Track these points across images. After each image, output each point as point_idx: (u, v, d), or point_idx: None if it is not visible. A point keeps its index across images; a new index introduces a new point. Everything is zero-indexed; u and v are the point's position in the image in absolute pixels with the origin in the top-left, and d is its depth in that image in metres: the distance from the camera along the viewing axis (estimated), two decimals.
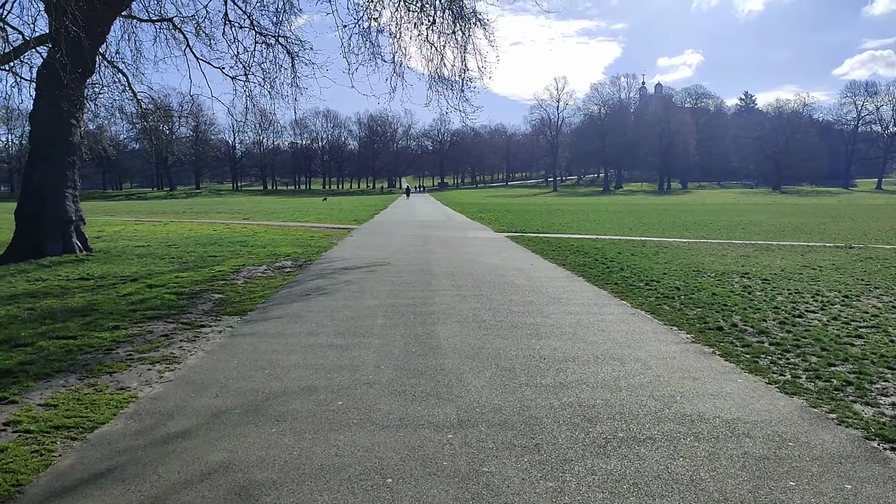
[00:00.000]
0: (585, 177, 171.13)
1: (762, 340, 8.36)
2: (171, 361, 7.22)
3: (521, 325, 9.11)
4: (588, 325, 9.17)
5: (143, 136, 30.67)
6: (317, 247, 20.48)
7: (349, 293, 11.76)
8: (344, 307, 10.42)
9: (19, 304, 10.49)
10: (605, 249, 19.70)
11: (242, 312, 10.05)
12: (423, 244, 21.55)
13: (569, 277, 14.04)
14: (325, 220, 35.28)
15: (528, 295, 11.66)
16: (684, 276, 14.27)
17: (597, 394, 6.10)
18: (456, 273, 14.42)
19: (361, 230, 28.74)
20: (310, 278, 13.77)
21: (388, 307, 10.38)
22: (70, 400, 5.87)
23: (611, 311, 10.36)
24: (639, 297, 11.58)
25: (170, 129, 30.45)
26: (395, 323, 9.19)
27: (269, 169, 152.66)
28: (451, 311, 10.09)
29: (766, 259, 17.56)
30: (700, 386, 6.37)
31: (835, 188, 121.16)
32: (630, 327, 9.08)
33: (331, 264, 16.17)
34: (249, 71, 21.12)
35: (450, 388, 6.25)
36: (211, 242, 21.44)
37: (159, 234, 25.04)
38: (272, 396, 6.01)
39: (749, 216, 43.31)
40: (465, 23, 19.89)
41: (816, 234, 27.18)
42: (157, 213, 45.07)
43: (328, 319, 9.45)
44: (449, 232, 27.79)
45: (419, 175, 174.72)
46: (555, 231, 28.17)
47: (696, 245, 21.69)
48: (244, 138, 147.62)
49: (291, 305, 10.62)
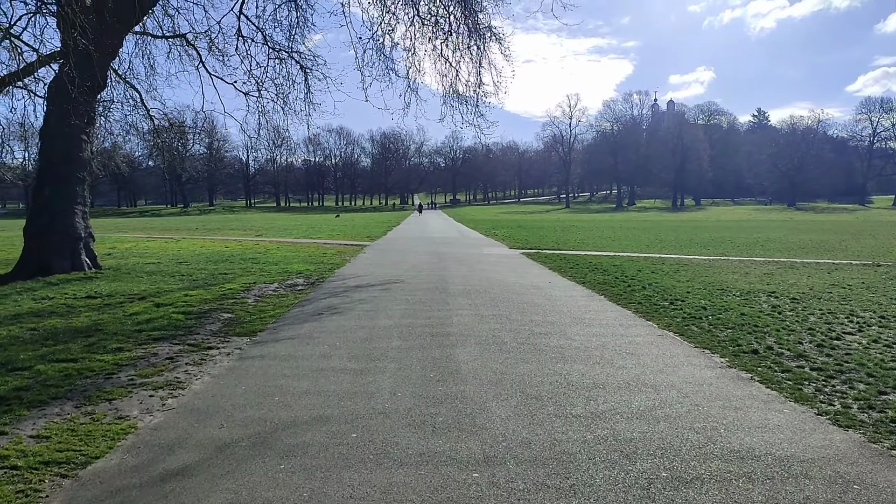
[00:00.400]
0: (598, 193, 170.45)
1: (802, 365, 7.84)
2: (176, 387, 6.80)
3: (544, 347, 8.63)
4: (615, 347, 8.68)
5: (156, 153, 30.54)
6: (329, 264, 20.10)
7: (363, 312, 11.33)
8: (357, 327, 9.98)
9: (22, 323, 10.14)
10: (623, 267, 19.19)
11: (252, 333, 9.64)
12: (437, 261, 21.13)
13: (589, 296, 13.55)
14: (337, 237, 34.97)
15: (550, 315, 11.19)
16: (709, 295, 13.75)
17: (633, 425, 5.61)
18: (472, 291, 13.96)
19: (374, 247, 28.36)
20: (322, 297, 13.36)
21: (404, 328, 9.94)
22: (64, 431, 5.45)
23: (637, 331, 9.86)
24: (665, 317, 11.08)
25: (183, 145, 30.31)
26: (411, 345, 8.74)
27: (283, 186, 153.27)
28: (469, 332, 9.62)
29: (791, 277, 16.99)
30: (744, 417, 5.87)
31: (851, 204, 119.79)
32: (660, 350, 8.58)
33: (344, 282, 15.76)
34: (262, 86, 20.92)
35: (473, 418, 5.79)
36: (222, 259, 21.12)
37: (170, 251, 24.78)
38: (281, 427, 5.57)
39: (766, 233, 42.61)
40: (480, 37, 19.60)
41: (839, 252, 26.52)
42: (170, 230, 44.96)
43: (341, 341, 9.01)
44: (463, 249, 27.36)
45: (431, 192, 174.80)
46: (570, 248, 27.68)
47: (717, 263, 21.12)
48: (257, 155, 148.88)
49: (303, 326, 10.20)
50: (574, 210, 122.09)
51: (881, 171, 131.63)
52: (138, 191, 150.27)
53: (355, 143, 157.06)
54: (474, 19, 19.19)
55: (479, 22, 19.34)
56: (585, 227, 52.03)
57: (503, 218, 77.31)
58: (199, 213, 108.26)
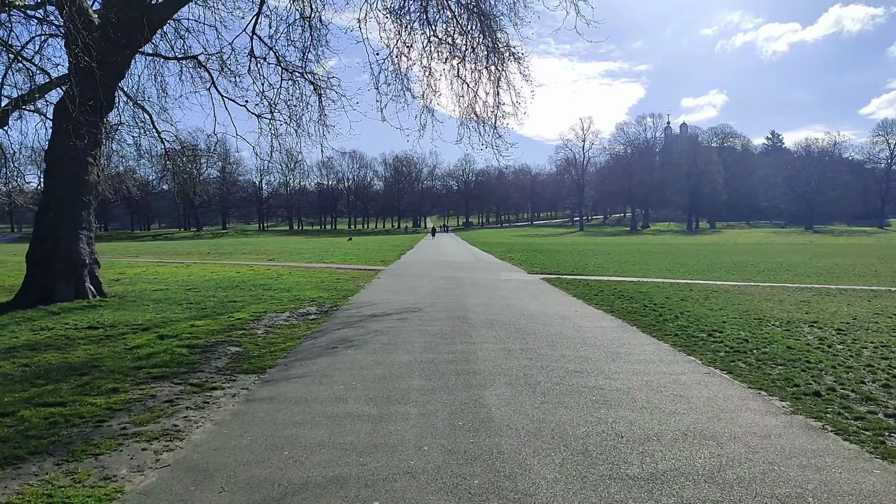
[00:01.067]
0: (611, 216, 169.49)
1: (874, 410, 6.98)
2: (173, 437, 6.03)
3: (581, 388, 7.80)
4: (660, 388, 7.84)
5: (168, 177, 30.06)
6: (343, 290, 19.37)
7: (379, 346, 10.54)
8: (374, 363, 9.20)
9: (16, 358, 9.43)
10: (651, 294, 18.32)
11: (261, 370, 8.87)
12: (455, 287, 20.34)
13: (621, 327, 12.70)
14: (351, 261, 34.28)
15: (582, 348, 10.35)
16: (747, 325, 12.89)
17: (702, 491, 4.77)
18: (495, 321, 13.15)
19: (389, 272, 27.61)
20: (336, 327, 12.60)
21: (425, 364, 9.14)
22: (38, 496, 4.68)
23: (680, 368, 9.01)
24: (706, 351, 10.22)
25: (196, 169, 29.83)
26: (434, 385, 7.93)
27: (296, 209, 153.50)
28: (497, 369, 8.81)
29: (830, 305, 16.07)
30: (830, 480, 5.02)
31: (869, 227, 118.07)
32: (710, 391, 7.72)
33: (359, 310, 15.00)
34: (275, 108, 20.40)
35: (513, 480, 4.97)
36: (232, 286, 20.43)
37: (180, 277, 24.14)
38: (291, 492, 4.78)
39: (789, 256, 41.54)
40: (499, 57, 19.00)
41: (871, 277, 25.51)
42: (182, 254, 44.47)
43: (357, 380, 8.22)
44: (481, 274, 26.56)
45: (444, 214, 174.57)
46: (591, 273, 26.81)
47: (747, 289, 20.20)
48: (270, 179, 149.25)
49: (316, 361, 9.43)
50: (588, 233, 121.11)
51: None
52: (152, 214, 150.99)
53: (368, 167, 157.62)
54: (493, 38, 18.61)
55: (497, 41, 18.75)
56: (602, 250, 51.10)
57: (517, 241, 76.48)
58: (211, 237, 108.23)
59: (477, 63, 19.12)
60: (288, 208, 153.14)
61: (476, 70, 19.19)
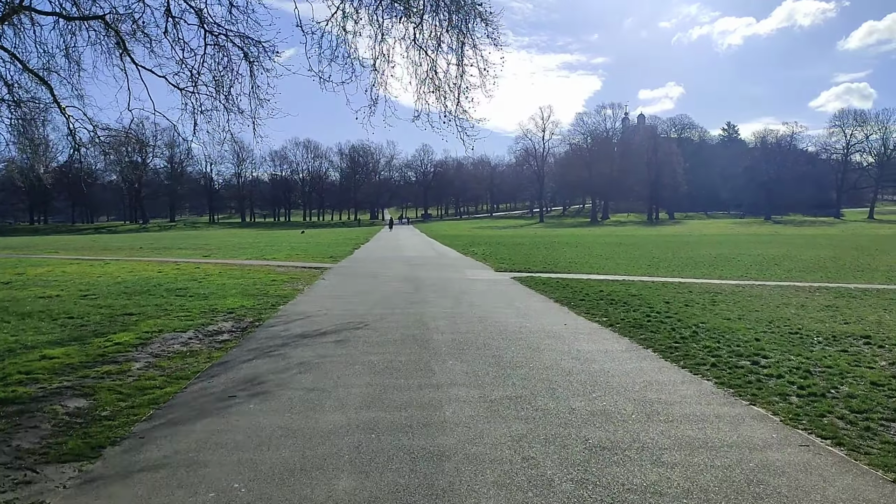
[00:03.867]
0: (571, 207, 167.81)
1: None
2: None
3: (624, 490, 4.57)
4: (747, 484, 4.66)
5: (76, 163, 26.04)
6: (275, 296, 15.85)
7: (299, 394, 7.16)
8: (283, 433, 5.84)
9: None
10: (646, 297, 15.29)
11: (92, 453, 5.42)
12: (413, 291, 16.98)
13: (632, 351, 9.55)
14: (295, 258, 30.57)
15: (595, 394, 7.13)
16: (790, 344, 9.93)
17: None
18: (466, 345, 9.87)
19: (337, 270, 24.07)
20: (246, 356, 9.16)
21: (362, 433, 5.81)
22: None
23: (754, 434, 5.87)
24: (769, 395, 7.14)
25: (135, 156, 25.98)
26: (372, 492, 4.61)
27: (248, 201, 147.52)
28: (479, 449, 5.49)
29: (866, 312, 13.28)
30: None
31: (825, 217, 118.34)
32: (835, 490, 4.59)
33: (286, 327, 11.57)
34: (199, 79, 16.69)
35: None
36: (142, 291, 16.72)
37: (88, 278, 20.25)
38: None
39: (764, 248, 39.24)
40: (464, 16, 15.63)
41: (871, 272, 23.02)
42: (112, 250, 40.05)
43: (245, 475, 4.86)
44: (443, 272, 23.21)
45: (402, 206, 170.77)
46: (565, 270, 23.71)
47: (752, 290, 17.32)
48: (222, 170, 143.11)
49: (193, 428, 6.02)
50: (549, 224, 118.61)
51: (855, 183, 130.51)
52: (96, 206, 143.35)
53: (323, 157, 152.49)
54: None
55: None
56: (568, 242, 48.22)
57: (478, 233, 73.19)
58: (158, 230, 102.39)
59: (437, 27, 15.73)
60: (240, 200, 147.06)
61: (435, 35, 15.80)
